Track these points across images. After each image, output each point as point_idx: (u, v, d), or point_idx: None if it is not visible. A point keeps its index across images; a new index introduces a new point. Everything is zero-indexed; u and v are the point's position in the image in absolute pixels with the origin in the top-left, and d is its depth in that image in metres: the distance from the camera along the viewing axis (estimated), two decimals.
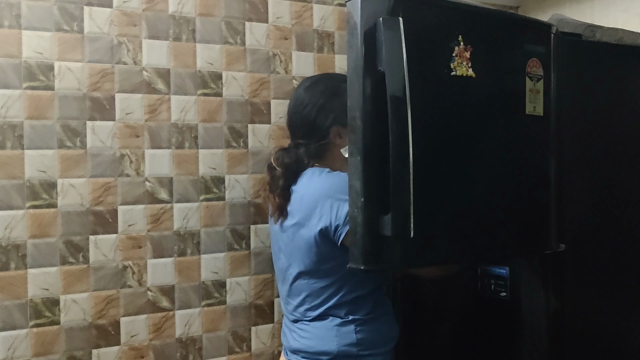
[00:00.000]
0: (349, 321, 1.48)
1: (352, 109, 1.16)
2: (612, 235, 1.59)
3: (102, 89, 1.70)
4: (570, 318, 1.53)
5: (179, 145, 1.81)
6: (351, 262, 1.17)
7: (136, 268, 1.75)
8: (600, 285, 1.57)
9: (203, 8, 1.83)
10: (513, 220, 1.41)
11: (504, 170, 1.37)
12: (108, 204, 1.72)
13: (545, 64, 1.42)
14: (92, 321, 1.70)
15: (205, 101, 1.84)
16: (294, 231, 1.51)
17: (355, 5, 1.14)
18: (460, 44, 1.24)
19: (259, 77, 1.91)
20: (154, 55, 1.77)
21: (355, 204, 1.15)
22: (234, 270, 1.89)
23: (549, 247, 1.47)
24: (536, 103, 1.41)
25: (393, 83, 1.12)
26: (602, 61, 1.60)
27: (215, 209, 1.86)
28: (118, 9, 1.72)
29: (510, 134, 1.37)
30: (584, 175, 1.56)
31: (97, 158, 1.70)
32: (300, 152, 1.55)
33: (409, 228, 1.11)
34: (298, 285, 1.54)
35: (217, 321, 1.87)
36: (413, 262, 1.28)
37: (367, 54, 1.14)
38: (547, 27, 1.45)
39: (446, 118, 1.25)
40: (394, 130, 1.12)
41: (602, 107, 1.59)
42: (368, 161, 1.14)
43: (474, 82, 1.27)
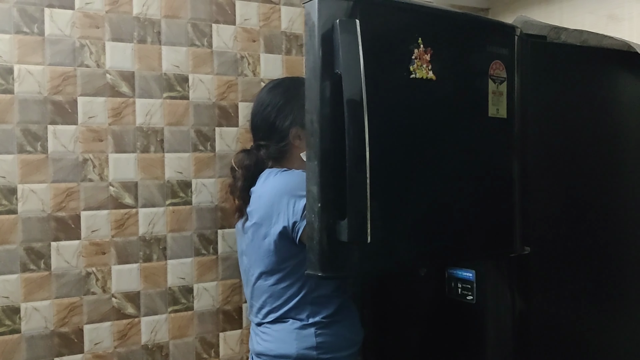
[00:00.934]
0: (309, 324, 1.48)
1: (310, 112, 1.14)
2: (577, 236, 1.59)
3: (63, 93, 1.67)
4: (535, 320, 1.52)
5: (144, 149, 1.78)
6: (308, 269, 1.15)
7: (100, 274, 1.72)
8: (565, 287, 1.57)
9: (168, 10, 1.81)
10: (477, 224, 1.40)
11: (466, 173, 1.36)
12: (70, 209, 1.68)
13: (508, 66, 1.42)
14: (55, 329, 1.67)
15: (172, 104, 1.81)
16: (254, 231, 1.51)
17: (313, 7, 1.12)
18: (420, 47, 1.23)
19: (227, 79, 1.89)
20: (117, 58, 1.74)
21: (312, 209, 1.13)
22: (202, 276, 1.86)
23: (514, 250, 1.47)
24: (499, 105, 1.41)
25: (350, 86, 1.10)
26: (567, 63, 1.60)
27: (181, 214, 1.83)
28: (80, 11, 1.69)
29: (472, 136, 1.36)
30: (548, 177, 1.55)
31: (59, 163, 1.67)
32: (260, 154, 1.55)
33: (366, 234, 1.10)
34: (259, 286, 1.53)
35: (185, 327, 1.84)
36: (372, 269, 1.27)
37: (324, 56, 1.12)
38: (510, 29, 1.44)
39: (406, 121, 1.24)
40: (351, 134, 1.10)
41: (567, 108, 1.59)
42: (325, 165, 1.12)
43: (435, 84, 1.26)
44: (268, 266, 1.50)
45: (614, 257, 1.66)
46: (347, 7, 1.14)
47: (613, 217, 1.66)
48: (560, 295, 1.56)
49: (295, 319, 1.49)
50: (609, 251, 1.65)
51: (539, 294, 1.53)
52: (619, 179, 1.68)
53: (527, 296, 1.52)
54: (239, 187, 1.57)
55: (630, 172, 1.70)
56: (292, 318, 1.49)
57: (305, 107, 1.15)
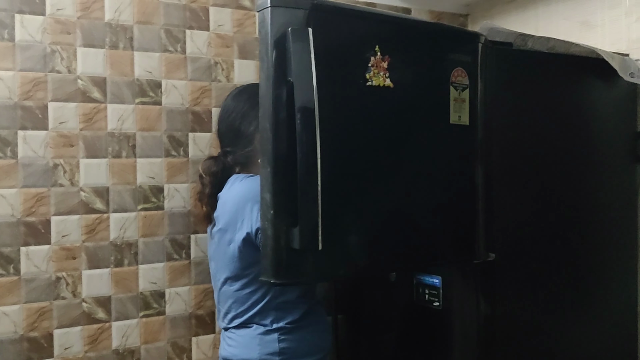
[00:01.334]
0: (272, 330, 1.48)
1: (263, 120, 1.15)
2: (541, 242, 1.59)
3: (34, 98, 1.68)
4: (500, 325, 1.53)
5: (116, 154, 1.79)
6: (262, 275, 1.16)
7: (70, 279, 1.73)
8: (530, 292, 1.57)
9: (141, 16, 1.82)
10: (438, 231, 1.41)
11: (427, 180, 1.37)
12: (41, 214, 1.69)
13: (471, 73, 1.42)
14: (24, 334, 1.67)
15: (144, 110, 1.82)
16: (219, 237, 1.51)
17: (266, 15, 1.13)
18: (377, 54, 1.24)
19: (200, 85, 1.90)
20: (89, 64, 1.75)
21: (265, 216, 1.14)
22: (174, 280, 1.87)
23: (478, 256, 1.47)
24: (461, 112, 1.41)
25: (301, 94, 1.11)
26: (533, 70, 1.61)
27: (154, 219, 1.84)
28: (51, 17, 1.70)
29: (433, 143, 1.37)
30: (514, 184, 1.56)
31: (29, 168, 1.68)
32: (228, 160, 1.56)
33: (317, 241, 1.10)
34: (225, 291, 1.54)
35: (156, 332, 1.85)
36: (325, 275, 1.27)
37: (277, 64, 1.13)
38: (474, 36, 1.45)
39: (362, 128, 1.25)
40: (302, 141, 1.11)
41: (534, 115, 1.60)
42: (278, 173, 1.13)
43: (392, 92, 1.26)
44: (233, 272, 1.50)
45: (578, 262, 1.66)
46: (300, 15, 1.14)
47: (577, 223, 1.66)
48: (525, 300, 1.57)
49: (259, 324, 1.49)
50: (572, 256, 1.65)
51: (504, 299, 1.53)
52: (585, 185, 1.68)
53: (492, 301, 1.52)
54: (207, 193, 1.58)
55: (595, 179, 1.70)
56: (256, 323, 1.50)
57: (259, 114, 1.16)
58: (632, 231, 1.78)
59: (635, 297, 1.79)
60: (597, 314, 1.69)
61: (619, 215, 1.75)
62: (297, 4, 1.14)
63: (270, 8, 1.12)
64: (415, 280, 1.68)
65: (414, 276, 1.69)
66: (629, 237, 1.77)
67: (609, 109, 1.75)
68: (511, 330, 1.55)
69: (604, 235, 1.72)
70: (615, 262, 1.74)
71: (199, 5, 1.89)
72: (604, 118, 1.73)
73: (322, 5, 1.17)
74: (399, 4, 2.26)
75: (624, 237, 1.76)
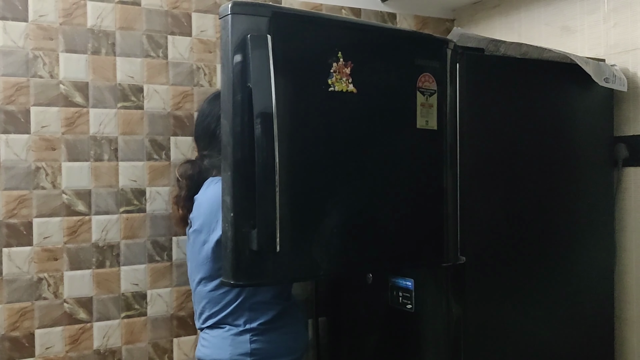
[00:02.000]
0: (244, 330, 1.50)
1: (224, 124, 1.17)
2: (512, 245, 1.61)
3: (16, 102, 1.72)
4: (471, 328, 1.54)
5: (98, 157, 1.82)
6: (223, 277, 1.18)
7: (52, 280, 1.76)
8: (502, 295, 1.59)
9: (123, 22, 1.85)
10: (405, 234, 1.42)
11: (393, 184, 1.39)
12: (22, 216, 1.73)
13: (439, 79, 1.44)
14: (5, 333, 1.71)
15: (126, 114, 1.86)
16: (194, 238, 1.54)
17: (227, 22, 1.16)
18: (340, 60, 1.26)
19: (182, 89, 1.93)
20: (71, 69, 1.78)
21: (226, 218, 1.17)
22: (155, 282, 1.90)
23: (447, 259, 1.48)
24: (429, 117, 1.43)
25: (259, 99, 1.13)
26: (506, 75, 1.62)
27: (135, 221, 1.87)
28: (34, 23, 1.74)
29: (399, 147, 1.38)
30: (485, 188, 1.57)
31: (11, 171, 1.71)
32: (204, 164, 1.58)
33: (275, 243, 1.13)
34: (199, 292, 1.56)
35: (138, 333, 1.87)
36: (285, 277, 1.29)
37: (237, 70, 1.16)
38: (442, 42, 1.47)
39: (325, 133, 1.27)
40: (261, 146, 1.13)
41: (506, 119, 1.61)
42: (237, 176, 1.15)
43: (356, 97, 1.28)
44: (207, 272, 1.53)
45: (552, 265, 1.67)
46: (261, 22, 1.17)
47: (552, 227, 1.67)
48: (497, 302, 1.58)
49: (232, 325, 1.52)
50: (546, 259, 1.66)
51: (475, 301, 1.55)
52: (560, 188, 1.69)
53: (463, 304, 1.54)
54: (183, 196, 1.61)
55: (571, 182, 1.71)
56: (229, 324, 1.52)
57: (221, 119, 1.18)
58: (608, 234, 1.79)
59: (612, 299, 1.80)
60: (571, 316, 1.70)
61: (595, 219, 1.76)
62: (257, 12, 1.17)
63: (230, 15, 1.15)
64: (390, 283, 1.70)
65: (388, 279, 1.71)
66: (605, 240, 1.78)
67: (585, 114, 1.76)
68: (482, 332, 1.56)
69: (580, 238, 1.73)
70: (591, 264, 1.75)
71: (181, 11, 1.92)
72: (580, 122, 1.74)
73: (282, 13, 1.20)
74: (384, 9, 2.28)
75: (600, 240, 1.77)
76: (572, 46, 1.96)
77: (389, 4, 2.28)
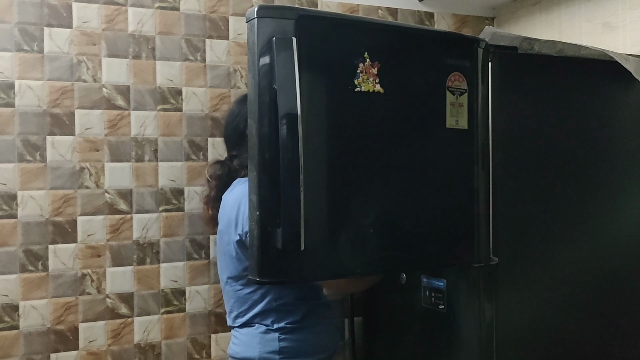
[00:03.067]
0: (273, 329, 1.52)
1: (251, 125, 1.20)
2: (548, 246, 1.58)
3: (61, 106, 1.80)
4: (503, 329, 1.52)
5: (139, 158, 1.88)
6: (249, 274, 1.21)
7: (95, 276, 1.83)
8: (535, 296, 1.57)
9: (163, 27, 1.91)
10: (435, 233, 1.42)
11: (422, 183, 1.39)
12: (67, 214, 1.80)
13: (470, 78, 1.43)
14: (51, 326, 1.79)
15: (165, 116, 1.91)
16: (220, 237, 1.58)
17: (253, 25, 1.19)
18: (367, 61, 1.27)
19: (219, 92, 1.98)
20: (113, 73, 1.85)
21: (252, 217, 1.19)
22: (193, 279, 1.95)
23: (479, 259, 1.47)
24: (459, 117, 1.42)
25: (284, 101, 1.15)
26: (540, 73, 1.60)
27: (174, 220, 1.92)
28: (78, 29, 1.81)
29: (428, 146, 1.38)
30: (519, 187, 1.55)
31: (57, 171, 1.79)
32: (233, 164, 1.61)
33: (299, 242, 1.15)
34: (227, 291, 1.60)
35: (177, 328, 1.93)
36: (310, 275, 1.31)
37: (263, 72, 1.18)
38: (472, 41, 1.46)
39: (352, 132, 1.28)
40: (285, 146, 1.15)
41: (541, 119, 1.59)
42: (264, 176, 1.18)
43: (383, 97, 1.29)
44: (233, 272, 1.56)
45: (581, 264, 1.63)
46: (286, 25, 1.19)
47: (587, 229, 1.64)
48: (529, 303, 1.56)
49: (260, 323, 1.54)
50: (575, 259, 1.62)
51: (507, 302, 1.53)
52: (590, 188, 1.65)
53: (495, 304, 1.52)
54: (212, 196, 1.64)
55: (602, 183, 1.67)
56: (258, 323, 1.55)
57: (248, 120, 1.21)
58: None
59: None
60: (601, 315, 1.66)
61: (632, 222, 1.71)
62: (283, 15, 1.19)
63: (257, 19, 1.18)
64: (423, 283, 1.70)
65: (421, 279, 1.71)
66: None
67: (624, 113, 1.72)
68: (515, 333, 1.54)
69: (615, 241, 1.69)
70: (628, 266, 1.70)
71: (218, 15, 1.97)
72: (619, 121, 1.70)
73: (308, 16, 1.22)
74: (422, 9, 2.27)
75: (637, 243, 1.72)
76: (614, 43, 1.91)
77: (427, 3, 2.27)
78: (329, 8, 2.09)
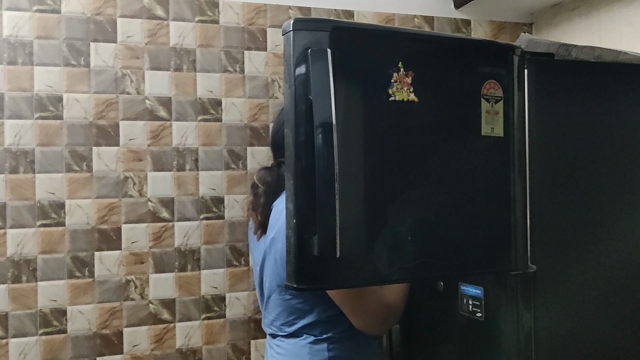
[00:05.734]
0: (322, 339, 1.52)
1: (287, 135, 1.23)
2: (587, 254, 1.56)
3: (107, 117, 1.86)
4: (542, 339, 1.51)
5: (180, 167, 1.94)
6: (286, 281, 1.23)
7: (138, 282, 1.89)
8: (575, 305, 1.54)
9: (203, 40, 1.96)
10: (471, 241, 1.42)
11: (458, 191, 1.39)
12: (112, 222, 1.87)
13: (505, 85, 1.43)
14: (97, 331, 1.85)
15: (205, 126, 1.96)
16: (270, 245, 1.57)
17: (289, 38, 1.21)
18: (401, 70, 1.29)
19: (258, 102, 2.02)
20: (156, 85, 1.91)
21: (289, 224, 1.22)
22: (233, 286, 1.99)
23: (516, 267, 1.46)
24: (494, 124, 1.42)
25: (319, 111, 1.18)
26: (577, 80, 1.58)
27: (214, 227, 1.97)
28: (122, 44, 1.88)
29: (463, 155, 1.39)
30: (557, 195, 1.54)
31: (102, 180, 1.86)
32: (282, 171, 1.62)
33: (335, 249, 1.16)
34: (273, 299, 1.59)
35: (217, 334, 1.97)
36: (346, 282, 1.32)
37: (299, 83, 1.21)
38: (507, 48, 1.46)
39: (387, 141, 1.29)
40: (320, 155, 1.17)
41: (579, 126, 1.57)
42: (300, 184, 1.20)
43: (417, 106, 1.30)
44: (282, 281, 1.56)
45: (623, 272, 1.60)
46: (321, 37, 1.21)
47: (622, 233, 1.61)
48: (569, 313, 1.54)
49: (308, 334, 1.54)
50: (615, 267, 1.59)
51: (546, 311, 1.52)
52: (630, 194, 1.62)
53: (533, 313, 1.51)
54: (262, 203, 1.63)
55: None
56: (306, 333, 1.54)
57: (284, 130, 1.24)
58: None
59: None
60: None
61: None
62: (318, 27, 1.21)
63: (292, 31, 1.21)
64: (460, 291, 1.70)
65: (459, 287, 1.70)
66: None
67: None
68: (555, 343, 1.53)
69: None
70: None
71: (256, 28, 2.01)
72: None
73: (342, 27, 1.24)
74: (458, 16, 2.28)
75: None
76: None
77: (463, 10, 2.28)
78: (365, 18, 2.11)
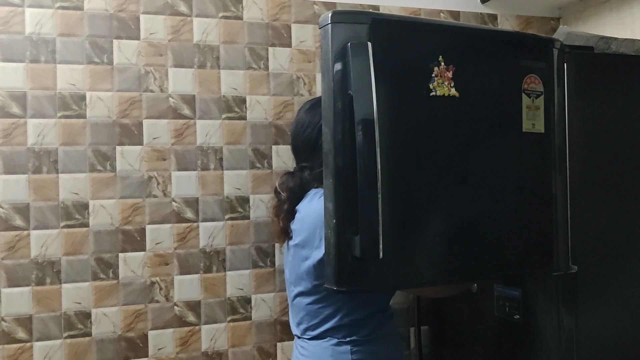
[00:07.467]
0: (345, 342, 1.49)
1: (325, 133, 1.19)
2: (628, 254, 1.51)
3: (130, 116, 1.82)
4: (583, 341, 1.46)
5: (205, 167, 1.90)
6: (326, 283, 1.19)
7: (163, 284, 1.85)
8: (617, 306, 1.50)
9: (227, 36, 1.92)
10: (513, 241, 1.38)
11: (499, 189, 1.35)
12: (136, 223, 1.83)
13: (546, 80, 1.39)
14: (122, 334, 1.81)
15: (230, 124, 1.92)
16: (295, 251, 1.54)
17: (327, 31, 1.17)
18: (441, 65, 1.24)
19: (283, 99, 1.98)
20: (179, 83, 1.87)
21: (329, 225, 1.18)
22: (259, 287, 1.94)
23: (557, 268, 1.42)
24: (535, 120, 1.38)
25: (361, 107, 1.14)
26: (618, 73, 1.54)
27: (240, 228, 1.93)
28: (145, 41, 1.84)
29: (504, 151, 1.34)
30: (598, 193, 1.49)
31: (126, 180, 1.82)
32: (304, 176, 1.57)
33: (378, 250, 1.12)
34: (298, 303, 1.57)
35: (243, 336, 1.93)
36: (388, 284, 1.28)
37: (338, 78, 1.17)
38: (548, 41, 1.41)
39: (428, 137, 1.25)
40: (362, 153, 1.13)
41: (620, 121, 1.53)
42: (340, 184, 1.16)
43: (458, 101, 1.26)
44: (306, 287, 1.53)
45: None
46: (361, 29, 1.17)
47: None
48: (611, 314, 1.49)
49: (332, 337, 1.51)
50: None
51: (587, 313, 1.47)
52: None
53: (575, 315, 1.47)
54: (285, 209, 1.59)
55: None
56: (330, 336, 1.51)
57: (322, 127, 1.20)
58: None
59: None
60: None
61: None
62: (357, 20, 1.17)
63: (331, 24, 1.16)
64: (496, 292, 1.65)
65: (494, 288, 1.66)
66: None
67: None
68: (597, 345, 1.48)
69: None
70: None
71: (281, 23, 1.97)
72: None
73: (382, 20, 1.20)
74: (484, 11, 2.23)
75: None
76: None
77: (490, 4, 2.23)
78: (391, 12, 2.06)
